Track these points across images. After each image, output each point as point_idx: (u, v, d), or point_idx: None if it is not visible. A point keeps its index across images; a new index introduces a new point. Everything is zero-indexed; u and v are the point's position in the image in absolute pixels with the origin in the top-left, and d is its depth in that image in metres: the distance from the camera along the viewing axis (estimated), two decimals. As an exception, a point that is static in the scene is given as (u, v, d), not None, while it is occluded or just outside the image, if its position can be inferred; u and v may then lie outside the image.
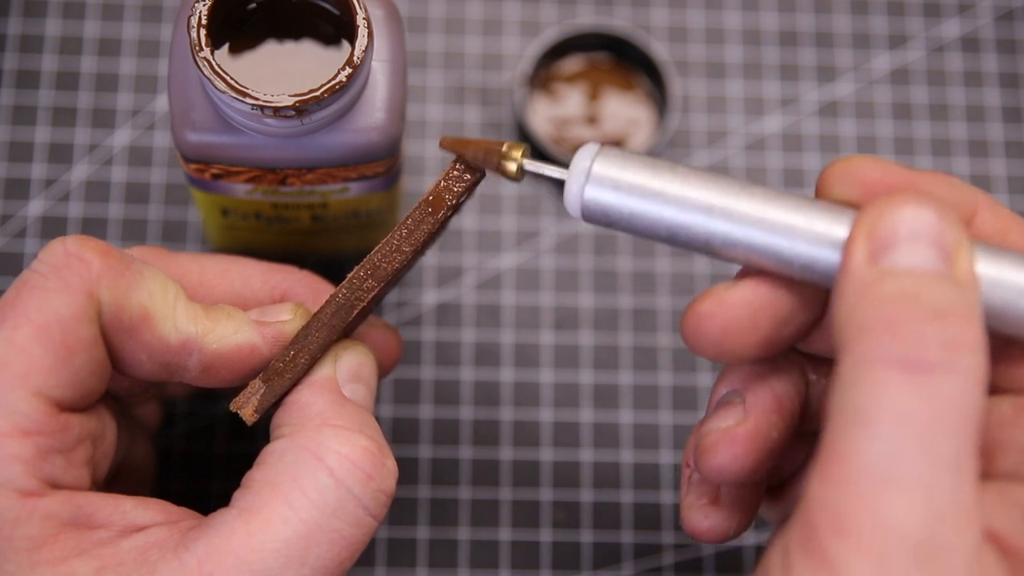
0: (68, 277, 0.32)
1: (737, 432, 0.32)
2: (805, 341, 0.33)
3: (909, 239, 0.27)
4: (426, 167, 0.50)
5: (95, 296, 0.32)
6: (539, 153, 0.50)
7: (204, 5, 0.34)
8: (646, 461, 0.47)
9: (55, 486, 0.31)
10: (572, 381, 0.48)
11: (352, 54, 0.34)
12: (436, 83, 0.51)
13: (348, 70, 0.34)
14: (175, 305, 0.33)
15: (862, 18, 0.53)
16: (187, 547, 0.31)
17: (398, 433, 0.47)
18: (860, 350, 0.26)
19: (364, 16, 0.35)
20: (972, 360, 0.26)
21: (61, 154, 0.49)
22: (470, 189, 0.35)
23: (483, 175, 0.35)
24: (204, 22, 0.34)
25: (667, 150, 0.50)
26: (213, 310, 0.34)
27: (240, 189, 0.39)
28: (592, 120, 0.51)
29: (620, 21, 0.52)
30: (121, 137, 0.50)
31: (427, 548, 0.46)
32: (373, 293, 0.35)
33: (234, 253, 0.47)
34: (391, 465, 0.33)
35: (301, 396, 0.34)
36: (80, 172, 0.49)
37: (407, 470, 0.46)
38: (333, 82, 0.34)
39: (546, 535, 0.46)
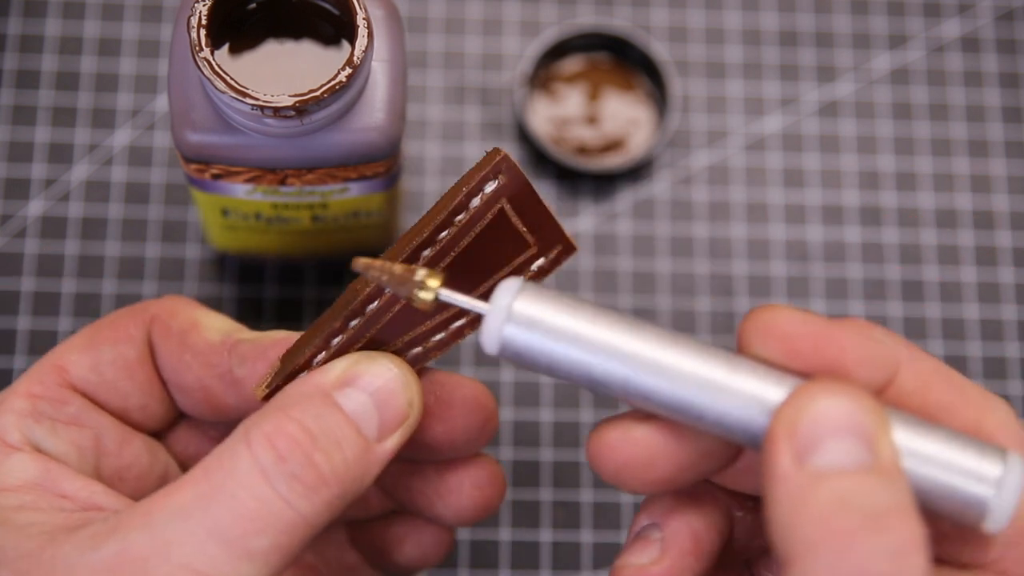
0: (131, 309, 0.36)
1: (650, 572, 0.31)
2: (719, 479, 0.32)
3: (831, 435, 0.27)
4: (426, 167, 0.50)
5: (150, 315, 0.35)
6: (539, 154, 0.50)
7: (204, 5, 0.34)
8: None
9: (35, 447, 0.33)
10: (572, 381, 0.48)
11: (352, 54, 0.34)
12: (436, 83, 0.51)
13: (348, 70, 0.34)
14: (213, 316, 0.36)
15: (862, 18, 0.53)
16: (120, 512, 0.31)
17: (398, 433, 0.47)
18: (807, 568, 0.26)
19: (364, 16, 0.35)
20: (918, 561, 0.26)
21: (61, 154, 0.49)
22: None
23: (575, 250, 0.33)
24: (204, 22, 0.34)
25: (667, 150, 0.50)
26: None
27: (240, 189, 0.39)
28: (592, 120, 0.51)
29: (620, 21, 0.52)
30: (121, 137, 0.50)
31: (427, 548, 0.46)
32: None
33: (234, 253, 0.47)
34: (319, 459, 0.30)
35: (287, 387, 0.33)
36: (80, 172, 0.49)
37: (407, 470, 0.46)
38: (333, 82, 0.34)
39: (546, 535, 0.46)
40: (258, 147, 0.36)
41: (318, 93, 0.34)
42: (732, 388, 0.29)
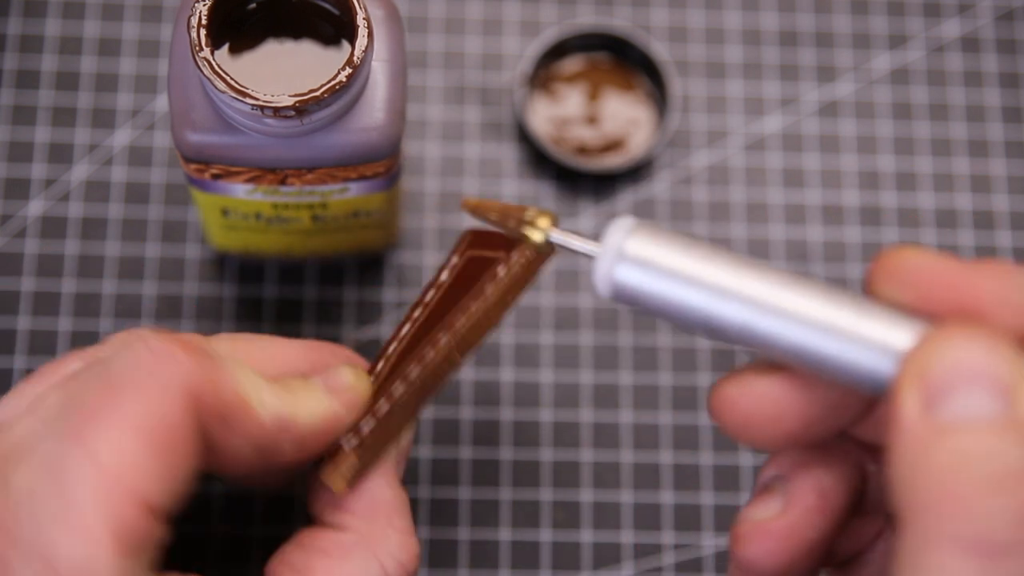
0: (163, 377, 0.30)
1: (771, 527, 0.30)
2: (853, 430, 0.31)
3: (963, 383, 0.25)
4: (426, 167, 0.50)
5: (192, 393, 0.30)
6: (539, 154, 0.50)
7: (204, 5, 0.34)
8: (646, 461, 0.47)
9: None
10: (572, 381, 0.48)
11: (352, 54, 0.34)
12: (436, 83, 0.51)
13: (348, 70, 0.34)
14: (256, 384, 0.32)
15: (862, 18, 0.53)
16: None
17: (398, 433, 0.47)
18: (922, 528, 0.24)
19: (364, 16, 0.35)
20: None
21: (61, 154, 0.49)
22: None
23: (552, 250, 0.34)
24: (204, 22, 0.34)
25: (667, 150, 0.50)
26: (286, 383, 0.34)
27: (240, 189, 0.39)
28: (592, 120, 0.50)
29: (620, 21, 0.52)
30: (121, 137, 0.50)
31: (427, 548, 0.46)
32: (456, 367, 0.35)
33: (234, 253, 0.47)
34: (419, 550, 0.35)
35: (371, 483, 0.35)
36: (80, 172, 0.49)
37: (408, 471, 0.46)
38: (333, 82, 0.34)
39: (546, 535, 0.46)
40: (258, 147, 0.36)
41: (318, 93, 0.34)
42: (859, 332, 0.27)
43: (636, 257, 0.28)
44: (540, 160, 0.50)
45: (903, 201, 0.51)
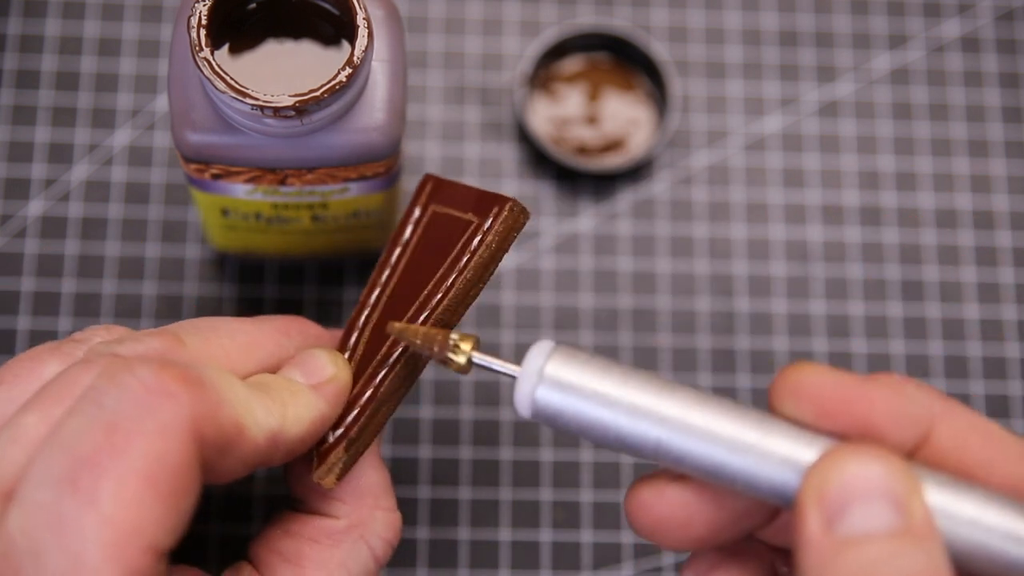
0: (163, 417, 0.29)
1: None
2: (762, 535, 0.32)
3: (860, 499, 0.27)
4: (426, 167, 0.50)
5: (195, 433, 0.29)
6: (539, 154, 0.50)
7: (204, 5, 0.34)
8: (646, 461, 0.47)
9: None
10: (572, 381, 0.48)
11: (352, 54, 0.34)
12: (436, 83, 0.51)
13: (348, 70, 0.34)
14: (249, 403, 0.31)
15: (862, 18, 0.53)
16: None
17: (398, 434, 0.47)
18: None
19: (364, 16, 0.35)
20: None
21: (61, 154, 0.49)
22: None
23: (528, 216, 0.35)
24: (204, 22, 0.34)
25: (667, 150, 0.50)
26: (270, 388, 0.33)
27: (240, 189, 0.39)
28: (592, 120, 0.50)
29: (620, 21, 0.52)
30: (121, 137, 0.50)
31: (427, 548, 0.46)
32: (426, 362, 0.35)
33: (234, 253, 0.47)
34: (401, 522, 0.36)
35: (356, 468, 0.35)
36: (80, 172, 0.49)
37: (407, 470, 0.46)
38: (333, 82, 0.34)
39: (546, 535, 0.46)
40: (258, 147, 0.36)
41: (318, 93, 0.34)
42: (763, 450, 0.28)
43: (554, 379, 0.30)
44: (540, 160, 0.50)
45: (903, 201, 0.51)
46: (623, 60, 0.51)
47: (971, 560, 0.28)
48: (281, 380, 0.34)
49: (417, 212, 0.36)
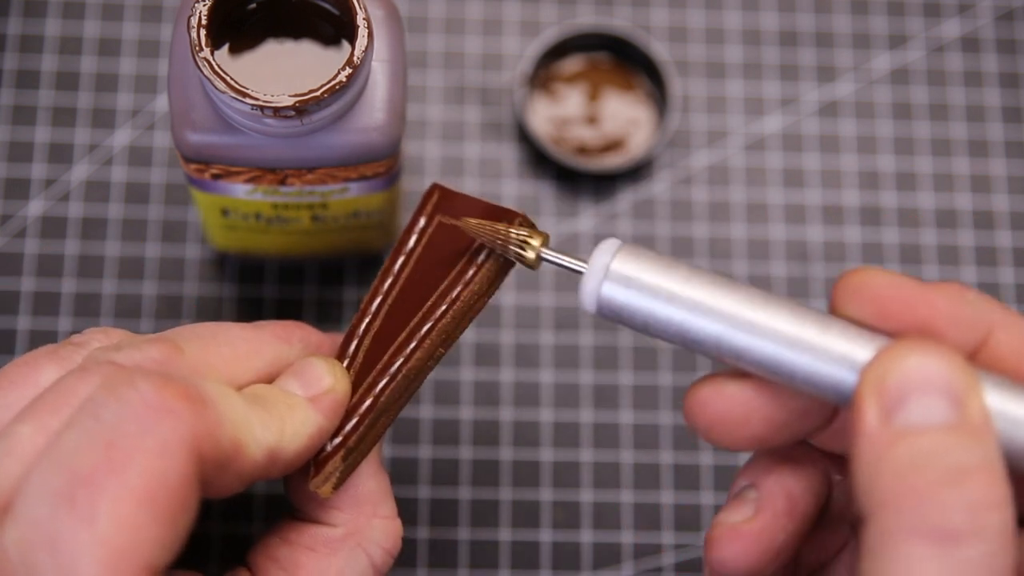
0: (163, 436, 0.28)
1: (742, 529, 0.32)
2: (817, 440, 0.33)
3: (919, 392, 0.27)
4: (426, 167, 0.50)
5: (195, 452, 0.29)
6: (539, 154, 0.50)
7: (204, 5, 0.34)
8: (646, 461, 0.47)
9: None
10: (572, 381, 0.48)
11: (352, 54, 0.34)
12: (436, 83, 0.51)
13: (348, 70, 0.34)
14: (248, 420, 0.31)
15: (862, 18, 0.53)
16: None
17: (398, 433, 0.47)
18: (884, 522, 0.26)
19: (364, 16, 0.35)
20: (997, 518, 0.26)
21: (61, 154, 0.49)
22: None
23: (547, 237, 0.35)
24: (204, 22, 0.34)
25: (667, 150, 0.50)
26: (268, 402, 0.32)
27: (240, 189, 0.39)
28: (592, 120, 0.50)
29: (620, 21, 0.52)
30: (121, 137, 0.50)
31: (427, 548, 0.46)
32: (439, 359, 0.35)
33: (234, 253, 0.47)
34: (401, 531, 0.36)
35: (354, 475, 0.35)
36: (80, 172, 0.49)
37: (407, 470, 0.46)
38: (333, 82, 0.34)
39: (546, 535, 0.46)
40: (258, 147, 0.36)
41: (318, 93, 0.34)
42: (823, 347, 0.29)
43: (619, 275, 0.31)
44: (540, 160, 0.50)
45: (903, 201, 0.51)
46: (623, 60, 0.51)
47: (1020, 455, 0.28)
48: (279, 393, 0.33)
49: (422, 222, 0.36)
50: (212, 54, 0.34)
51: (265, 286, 0.48)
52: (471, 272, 0.34)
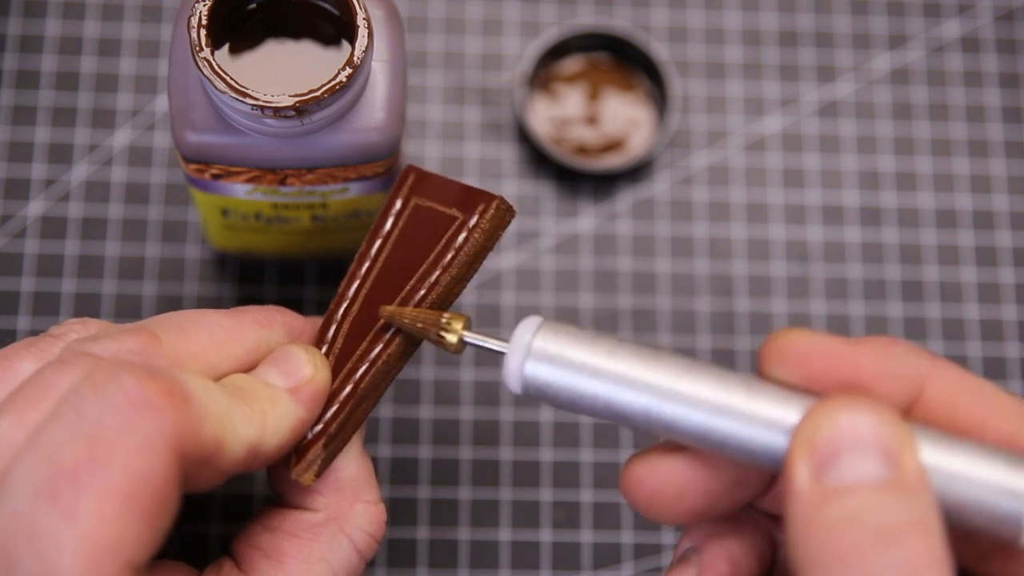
0: (146, 432, 0.28)
1: None
2: (759, 503, 0.32)
3: (850, 449, 0.27)
4: (426, 167, 0.50)
5: (178, 449, 0.29)
6: (539, 154, 0.50)
7: (204, 5, 0.34)
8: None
9: None
10: (572, 381, 0.48)
11: (352, 54, 0.34)
12: (436, 83, 0.51)
13: (348, 70, 0.34)
14: (230, 416, 0.31)
15: (862, 18, 0.53)
16: None
17: (398, 433, 0.47)
18: None
19: (364, 16, 0.35)
20: None
21: (61, 154, 0.49)
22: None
23: (514, 214, 0.35)
24: (204, 22, 0.34)
25: (667, 150, 0.50)
26: (249, 395, 0.32)
27: (240, 189, 0.39)
28: (592, 120, 0.50)
29: (620, 21, 0.52)
30: (121, 137, 0.50)
31: (427, 548, 0.46)
32: (419, 345, 0.35)
33: (234, 253, 0.47)
34: (386, 515, 0.35)
35: (336, 461, 0.35)
36: (80, 172, 0.49)
37: (407, 471, 0.46)
38: (333, 82, 0.34)
39: (546, 535, 0.46)
40: (258, 147, 0.36)
41: (318, 93, 0.34)
42: (751, 412, 0.29)
43: (542, 353, 0.30)
44: (540, 160, 0.50)
45: (903, 201, 0.51)
46: (623, 60, 0.51)
47: (963, 513, 0.28)
48: (259, 385, 0.33)
49: (398, 204, 0.36)
50: (212, 54, 0.34)
51: (265, 286, 0.48)
52: (450, 256, 0.34)
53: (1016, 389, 0.48)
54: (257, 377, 0.33)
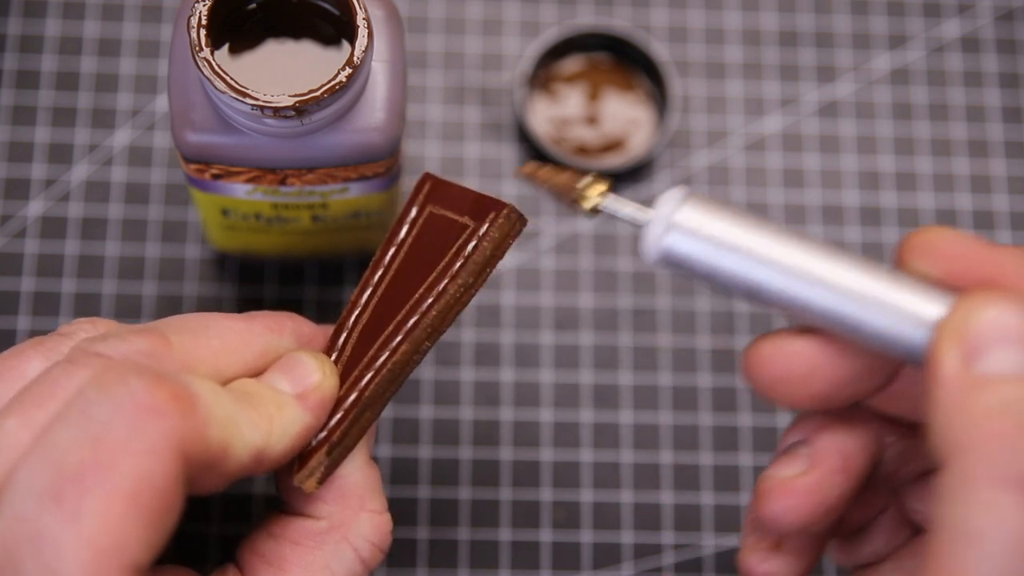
0: (152, 436, 0.28)
1: (795, 484, 0.32)
2: (873, 402, 0.32)
3: (999, 341, 0.27)
4: (426, 167, 0.50)
5: (183, 454, 0.29)
6: (539, 153, 0.50)
7: (204, 5, 0.34)
8: (646, 461, 0.47)
9: None
10: (572, 381, 0.48)
11: (352, 54, 0.34)
12: (436, 83, 0.51)
13: (348, 70, 0.34)
14: (236, 421, 0.31)
15: (862, 18, 0.53)
16: None
17: (398, 433, 0.47)
18: (965, 467, 0.26)
19: (364, 16, 0.35)
20: None
21: (61, 154, 0.49)
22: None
23: (525, 223, 0.35)
24: (204, 22, 0.34)
25: (667, 150, 0.50)
26: (255, 400, 0.32)
27: (240, 189, 0.39)
28: (592, 120, 0.51)
29: (620, 21, 0.52)
30: (121, 137, 0.50)
31: (427, 548, 0.46)
32: (426, 352, 0.35)
33: (234, 253, 0.47)
34: (391, 526, 0.35)
35: (341, 468, 0.34)
36: (80, 172, 0.49)
37: (407, 470, 0.46)
38: (333, 82, 0.34)
39: (546, 535, 0.46)
40: (258, 147, 0.36)
41: (318, 93, 0.34)
42: (893, 301, 0.29)
43: (685, 226, 0.30)
44: (540, 160, 0.50)
45: (903, 201, 0.51)
46: (623, 60, 0.51)
47: None
48: (267, 391, 0.33)
49: (413, 212, 0.36)
50: (212, 54, 0.34)
51: (265, 286, 0.48)
52: (458, 264, 0.34)
53: (1016, 389, 0.48)
54: (265, 382, 0.33)
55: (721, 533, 0.46)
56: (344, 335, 0.35)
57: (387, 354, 0.34)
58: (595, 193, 0.32)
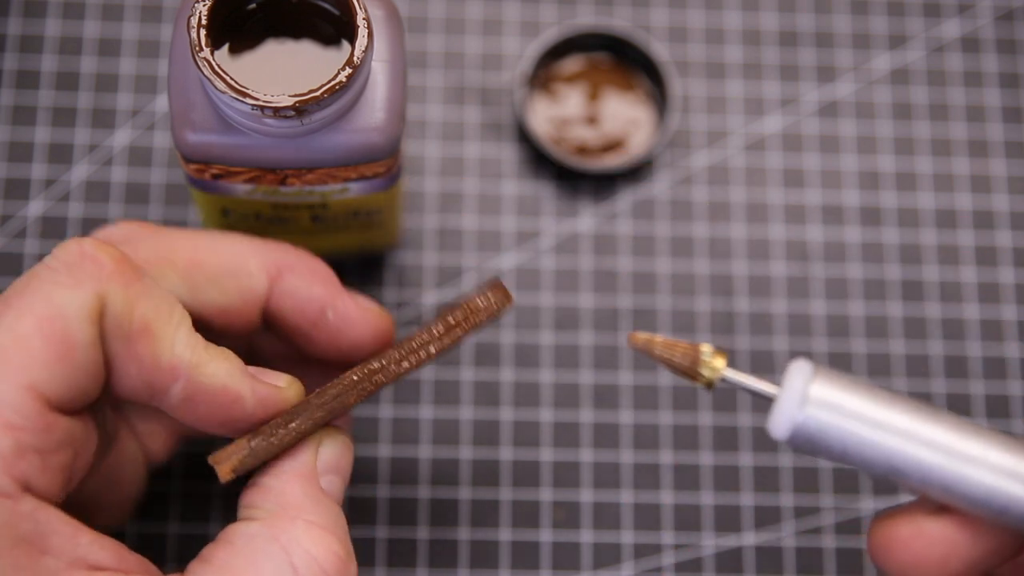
0: (79, 275, 0.31)
1: None
2: (998, 570, 0.31)
3: None
4: (426, 167, 0.50)
5: (102, 297, 0.31)
6: (539, 154, 0.50)
7: (204, 5, 0.34)
8: (646, 461, 0.47)
9: (26, 488, 0.30)
10: (572, 381, 0.48)
11: (352, 54, 0.34)
12: (436, 83, 0.51)
13: (348, 70, 0.34)
14: (177, 328, 0.33)
15: (862, 18, 0.53)
16: None
17: (398, 433, 0.47)
18: None
19: (364, 16, 0.35)
20: None
21: (61, 154, 0.49)
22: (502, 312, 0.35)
23: (512, 302, 0.35)
24: (204, 22, 0.34)
25: (667, 150, 0.50)
26: (212, 347, 0.33)
27: (240, 189, 0.39)
28: (592, 120, 0.50)
29: (620, 21, 0.52)
30: (121, 137, 0.50)
31: (427, 548, 0.46)
32: (379, 388, 0.35)
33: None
34: (353, 570, 0.33)
35: (279, 481, 0.34)
36: (80, 172, 0.49)
37: (407, 470, 0.46)
38: (333, 82, 0.34)
39: (546, 535, 0.46)
40: (258, 147, 0.36)
41: (318, 93, 0.34)
42: None
43: (819, 400, 0.28)
44: (540, 160, 0.50)
45: (903, 201, 0.51)
46: (623, 60, 0.51)
47: None
48: (228, 351, 0.34)
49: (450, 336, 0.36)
50: (212, 54, 0.34)
51: (265, 286, 0.48)
52: (432, 336, 0.35)
53: (1016, 389, 0.48)
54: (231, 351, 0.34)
55: (721, 533, 0.46)
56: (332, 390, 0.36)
57: (337, 386, 0.35)
58: (716, 367, 0.31)
